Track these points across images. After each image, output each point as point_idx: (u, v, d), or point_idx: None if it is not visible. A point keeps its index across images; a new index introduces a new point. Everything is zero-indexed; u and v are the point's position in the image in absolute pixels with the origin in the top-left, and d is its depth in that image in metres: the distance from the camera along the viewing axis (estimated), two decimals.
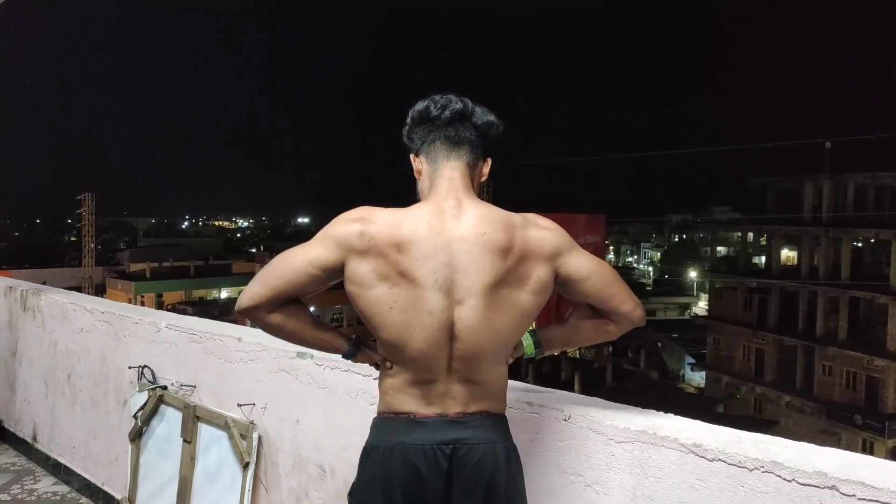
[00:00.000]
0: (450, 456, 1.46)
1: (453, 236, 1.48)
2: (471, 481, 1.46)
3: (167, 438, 3.00)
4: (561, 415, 1.78)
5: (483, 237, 1.48)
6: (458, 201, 1.52)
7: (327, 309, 41.78)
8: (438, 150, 1.58)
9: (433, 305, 1.45)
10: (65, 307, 3.88)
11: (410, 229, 1.47)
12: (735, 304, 33.89)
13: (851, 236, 29.98)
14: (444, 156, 1.58)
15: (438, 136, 1.58)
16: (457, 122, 1.58)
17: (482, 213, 1.51)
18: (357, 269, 1.48)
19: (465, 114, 1.58)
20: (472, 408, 1.51)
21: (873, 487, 1.32)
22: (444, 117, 1.57)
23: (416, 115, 1.62)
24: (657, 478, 1.61)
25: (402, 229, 1.47)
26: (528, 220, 1.56)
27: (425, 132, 1.61)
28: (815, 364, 29.49)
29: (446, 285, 1.46)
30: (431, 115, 1.59)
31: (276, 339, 1.70)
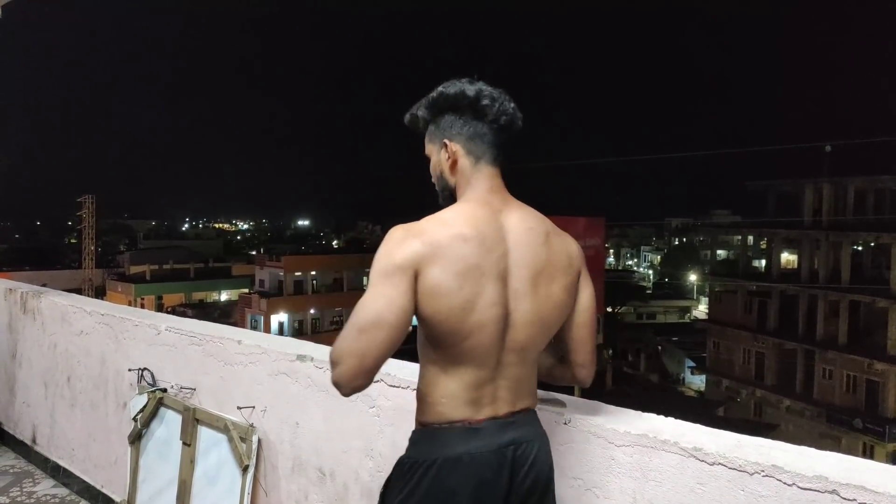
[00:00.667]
0: (510, 459, 1.46)
1: (506, 229, 1.50)
2: (529, 480, 1.48)
3: (167, 441, 3.00)
4: (561, 418, 1.78)
5: (532, 231, 1.51)
6: (504, 199, 1.54)
7: (327, 311, 41.80)
8: (485, 149, 1.54)
9: (497, 297, 1.45)
10: (65, 309, 3.88)
11: (469, 225, 1.46)
12: (735, 308, 33.88)
13: (851, 240, 29.98)
14: (492, 156, 1.55)
15: (487, 135, 1.54)
16: (507, 127, 1.56)
17: (526, 210, 1.56)
18: (429, 277, 1.40)
19: (514, 122, 1.56)
20: (517, 406, 1.51)
21: (874, 492, 1.32)
22: (502, 122, 1.54)
23: (458, 101, 1.53)
24: (657, 482, 1.61)
25: (459, 226, 1.45)
26: (557, 228, 1.59)
27: (467, 123, 1.54)
28: (815, 368, 29.47)
29: (504, 276, 1.47)
30: (483, 111, 1.53)
31: (276, 342, 1.70)
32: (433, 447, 1.47)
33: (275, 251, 52.49)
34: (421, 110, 1.60)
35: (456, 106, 1.54)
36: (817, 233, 30.45)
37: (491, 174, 1.54)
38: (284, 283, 40.77)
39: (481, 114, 1.53)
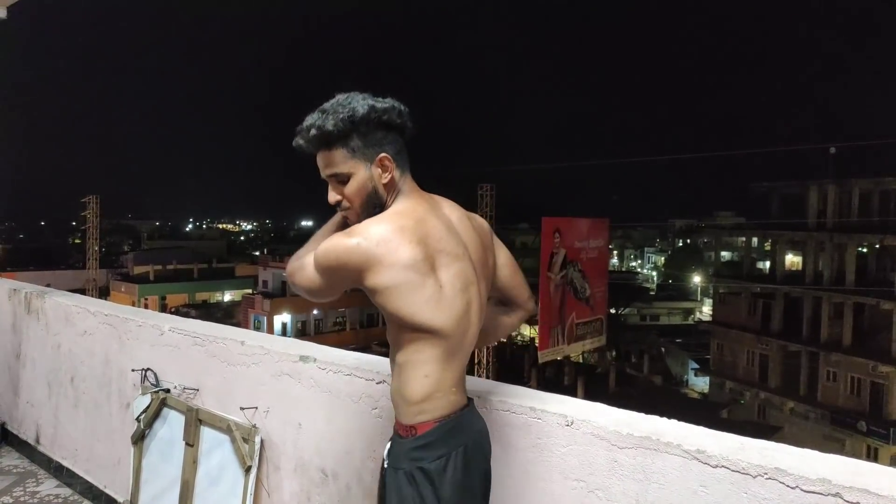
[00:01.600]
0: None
1: (449, 218, 1.59)
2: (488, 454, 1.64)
3: (169, 441, 3.00)
4: (564, 420, 1.78)
5: (464, 218, 1.64)
6: (429, 195, 1.62)
7: (330, 312, 41.81)
8: (406, 161, 1.59)
9: (474, 279, 1.56)
10: (68, 309, 3.89)
11: (425, 215, 1.53)
12: (739, 310, 33.80)
13: (856, 242, 29.88)
14: (407, 163, 1.59)
15: (404, 148, 1.58)
16: (410, 131, 1.60)
17: (448, 200, 1.66)
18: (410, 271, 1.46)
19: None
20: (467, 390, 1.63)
21: (877, 495, 1.31)
22: (408, 129, 1.58)
23: (389, 116, 1.52)
24: (660, 484, 1.60)
25: (419, 215, 1.52)
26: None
27: (395, 138, 1.56)
28: (819, 370, 29.38)
29: (471, 260, 1.57)
30: (404, 126, 1.56)
31: (279, 342, 1.72)
32: (459, 435, 1.52)
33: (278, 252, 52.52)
34: (341, 126, 1.48)
35: (386, 122, 1.53)
36: (821, 234, 30.35)
37: (412, 182, 1.60)
38: (287, 283, 40.80)
39: (402, 128, 1.56)
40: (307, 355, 2.51)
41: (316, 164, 1.57)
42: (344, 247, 1.45)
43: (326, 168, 1.54)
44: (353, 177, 1.53)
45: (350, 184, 1.53)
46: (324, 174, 1.56)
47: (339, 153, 1.51)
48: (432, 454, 1.47)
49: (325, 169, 1.55)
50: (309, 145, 1.53)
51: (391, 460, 1.53)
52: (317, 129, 1.50)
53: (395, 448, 1.53)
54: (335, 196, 1.56)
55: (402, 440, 1.52)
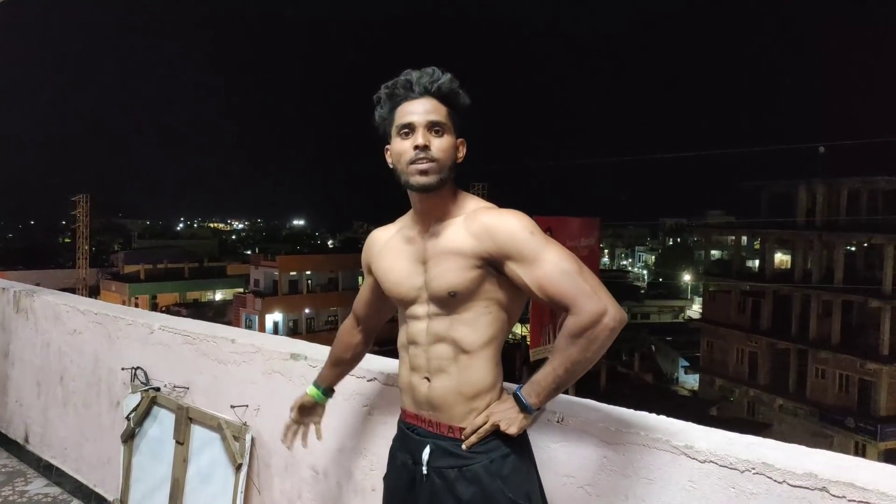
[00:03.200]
0: None
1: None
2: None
3: (160, 440, 2.99)
4: (554, 416, 1.79)
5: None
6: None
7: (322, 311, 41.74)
8: None
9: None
10: (58, 308, 3.86)
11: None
12: (729, 308, 33.95)
13: (845, 240, 30.06)
14: None
15: None
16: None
17: None
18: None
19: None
20: None
21: (863, 489, 1.33)
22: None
23: (466, 113, 1.62)
24: (649, 479, 1.62)
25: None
26: None
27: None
28: (808, 367, 29.55)
29: None
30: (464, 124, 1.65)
31: (270, 340, 1.72)
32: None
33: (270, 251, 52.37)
34: (459, 91, 1.57)
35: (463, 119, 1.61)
36: (811, 233, 30.53)
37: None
38: (279, 282, 40.67)
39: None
40: (298, 353, 2.50)
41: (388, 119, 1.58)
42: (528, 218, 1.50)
43: (431, 113, 1.53)
44: (447, 135, 1.54)
45: (444, 139, 1.53)
46: (423, 118, 1.52)
47: (444, 109, 1.55)
48: (526, 437, 1.62)
49: (427, 113, 1.52)
50: (433, 83, 1.53)
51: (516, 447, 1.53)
52: (448, 78, 1.54)
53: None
54: (427, 140, 1.52)
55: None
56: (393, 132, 1.56)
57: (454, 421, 1.53)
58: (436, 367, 1.55)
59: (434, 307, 1.56)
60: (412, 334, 1.60)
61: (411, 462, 1.58)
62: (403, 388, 1.64)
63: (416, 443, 1.58)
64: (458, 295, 1.51)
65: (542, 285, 1.45)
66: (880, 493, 1.31)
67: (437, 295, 1.54)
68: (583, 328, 1.39)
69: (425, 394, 1.57)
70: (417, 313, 1.59)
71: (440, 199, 1.57)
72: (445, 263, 1.53)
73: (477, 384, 1.53)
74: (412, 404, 1.61)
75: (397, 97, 1.55)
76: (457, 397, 1.53)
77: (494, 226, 1.49)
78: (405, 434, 1.64)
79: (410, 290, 1.60)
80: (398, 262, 1.64)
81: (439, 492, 1.51)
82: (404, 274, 1.62)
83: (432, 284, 1.55)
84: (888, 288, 27.15)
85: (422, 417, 1.59)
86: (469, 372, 1.52)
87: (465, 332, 1.52)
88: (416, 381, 1.59)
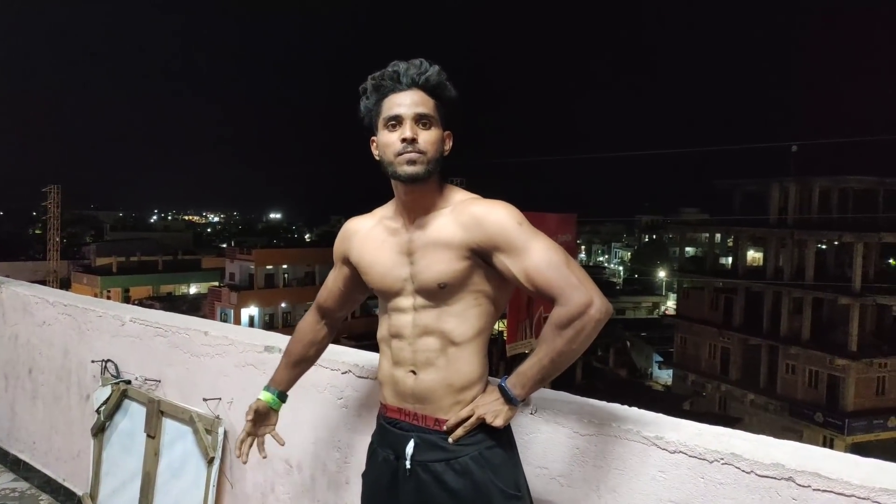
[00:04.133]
0: None
1: None
2: None
3: (130, 433, 2.95)
4: (527, 409, 1.80)
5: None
6: None
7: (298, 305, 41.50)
8: None
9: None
10: (27, 299, 3.79)
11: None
12: (702, 304, 34.40)
13: (815, 238, 30.62)
14: None
15: None
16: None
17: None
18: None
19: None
20: None
21: (827, 478, 1.36)
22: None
23: (456, 106, 1.62)
24: (620, 470, 1.63)
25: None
26: None
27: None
28: (778, 363, 30.08)
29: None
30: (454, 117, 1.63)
31: (244, 333, 1.70)
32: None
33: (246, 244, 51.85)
34: (447, 84, 1.56)
35: (454, 112, 1.61)
36: (783, 231, 31.03)
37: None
38: (255, 276, 40.33)
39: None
40: (272, 345, 2.49)
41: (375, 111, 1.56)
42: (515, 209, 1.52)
43: (418, 106, 1.51)
44: (434, 128, 1.53)
45: (431, 132, 1.52)
46: (410, 111, 1.51)
47: (431, 101, 1.53)
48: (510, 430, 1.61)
49: (415, 106, 1.51)
50: (421, 75, 1.52)
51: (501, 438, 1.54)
52: (435, 70, 1.53)
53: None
54: (414, 132, 1.50)
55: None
56: (379, 124, 1.54)
57: (440, 413, 1.52)
58: (423, 359, 1.54)
59: (421, 299, 1.55)
60: (396, 327, 1.58)
61: (393, 457, 1.56)
62: (385, 381, 1.62)
63: (399, 437, 1.56)
64: (447, 286, 1.51)
65: (530, 276, 1.46)
66: (844, 483, 1.34)
67: (425, 287, 1.53)
68: (570, 318, 1.40)
69: (411, 387, 1.55)
70: (402, 306, 1.57)
71: (426, 192, 1.56)
72: (434, 255, 1.52)
73: (466, 376, 1.52)
74: (395, 398, 1.59)
75: (384, 89, 1.54)
76: (445, 390, 1.52)
77: (483, 216, 1.49)
78: (386, 429, 1.61)
79: (396, 281, 1.58)
80: (382, 253, 1.61)
81: (426, 486, 1.50)
82: (389, 265, 1.59)
83: (420, 276, 1.53)
84: (857, 285, 27.72)
85: (405, 411, 1.57)
86: (458, 364, 1.52)
87: (453, 324, 1.52)
88: (400, 375, 1.57)
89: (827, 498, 1.35)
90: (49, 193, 44.65)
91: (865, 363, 27.19)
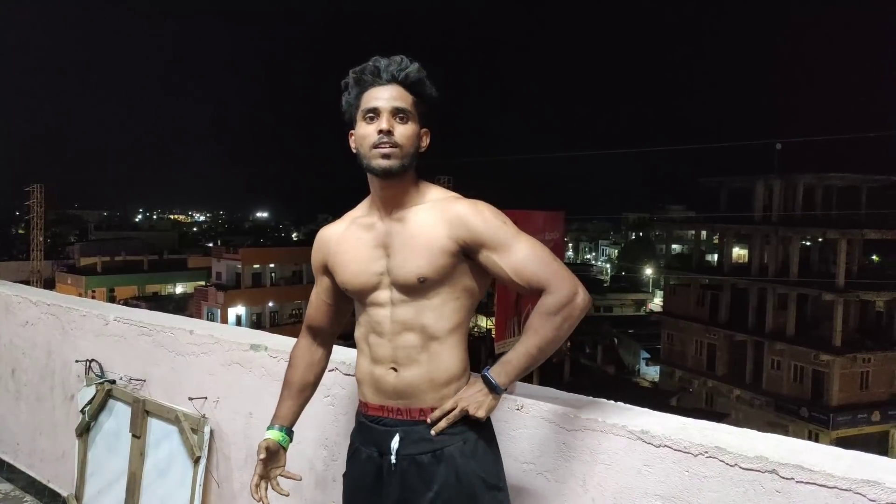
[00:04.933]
0: None
1: None
2: None
3: (116, 434, 2.93)
4: (514, 404, 1.80)
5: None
6: None
7: (286, 305, 41.34)
8: None
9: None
10: (9, 299, 3.75)
11: None
12: (688, 301, 34.63)
13: (800, 235, 30.91)
14: None
15: None
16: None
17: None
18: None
19: None
20: None
21: (810, 470, 1.37)
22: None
23: (435, 105, 1.63)
24: (606, 464, 1.64)
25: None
26: None
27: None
28: (764, 358, 30.34)
29: None
30: (434, 117, 1.64)
31: (230, 331, 1.68)
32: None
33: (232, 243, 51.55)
34: (426, 81, 1.58)
35: (433, 112, 1.62)
36: (767, 228, 31.28)
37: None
38: (242, 275, 40.10)
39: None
40: (258, 344, 2.48)
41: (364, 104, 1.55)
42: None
43: (396, 100, 1.53)
44: (411, 123, 1.55)
45: (408, 126, 1.54)
46: (388, 104, 1.52)
47: (410, 97, 1.55)
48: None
49: (393, 100, 1.53)
50: (401, 71, 1.54)
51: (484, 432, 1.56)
52: (415, 67, 1.55)
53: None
54: (390, 125, 1.52)
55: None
56: (358, 116, 1.55)
57: (425, 405, 1.53)
58: (403, 356, 1.53)
59: (398, 294, 1.54)
60: (373, 324, 1.57)
61: (377, 454, 1.56)
62: (364, 380, 1.61)
63: (382, 434, 1.55)
64: (426, 281, 1.51)
65: (519, 270, 1.51)
66: (826, 475, 1.35)
67: (403, 281, 1.53)
68: (560, 305, 1.46)
69: (392, 384, 1.54)
70: (379, 300, 1.56)
71: (402, 187, 1.56)
72: (414, 249, 1.52)
73: (448, 370, 1.53)
74: (375, 396, 1.58)
75: (364, 83, 1.55)
76: (428, 385, 1.52)
77: (470, 215, 1.52)
78: (367, 427, 1.60)
79: (371, 276, 1.57)
80: (358, 251, 1.61)
81: (411, 479, 1.50)
82: (364, 261, 1.58)
83: (399, 271, 1.53)
84: (841, 281, 28.02)
85: (388, 408, 1.56)
86: (440, 359, 1.52)
87: (433, 319, 1.52)
88: (380, 372, 1.56)
89: (809, 490, 1.37)
90: (32, 192, 44.16)
91: (849, 358, 27.48)
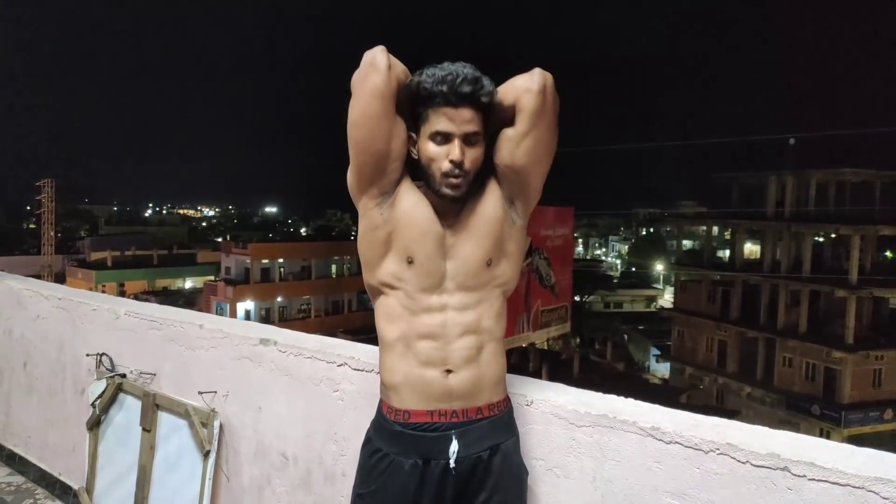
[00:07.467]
0: None
1: None
2: None
3: (126, 427, 2.95)
4: (523, 399, 1.79)
5: None
6: None
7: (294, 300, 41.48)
8: None
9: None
10: (20, 293, 3.78)
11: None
12: (699, 297, 34.52)
13: (812, 231, 30.70)
14: None
15: None
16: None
17: None
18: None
19: None
20: None
21: (822, 468, 1.36)
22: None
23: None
24: (616, 461, 1.63)
25: None
26: None
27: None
28: (775, 356, 30.20)
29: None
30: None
31: (239, 326, 1.68)
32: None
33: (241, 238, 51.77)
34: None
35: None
36: (780, 224, 31.11)
37: None
38: (251, 270, 40.25)
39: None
40: (268, 338, 2.48)
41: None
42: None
43: (469, 123, 1.44)
44: (479, 145, 1.48)
45: (476, 150, 1.47)
46: (461, 129, 1.44)
47: (480, 117, 1.47)
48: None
49: (465, 124, 1.44)
50: (477, 93, 1.43)
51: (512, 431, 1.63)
52: (491, 88, 1.46)
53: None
54: (462, 154, 1.44)
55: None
56: (424, 130, 1.47)
57: (482, 403, 1.54)
58: (462, 357, 1.49)
59: (459, 296, 1.51)
60: (426, 326, 1.50)
61: (422, 463, 1.49)
62: (403, 385, 1.52)
63: (432, 440, 1.49)
64: (492, 262, 1.54)
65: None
66: (839, 472, 1.34)
67: (469, 270, 1.52)
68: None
69: (447, 386, 1.50)
70: (431, 304, 1.51)
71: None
72: (476, 235, 1.53)
73: (498, 372, 1.58)
74: (422, 402, 1.51)
75: (434, 98, 1.44)
76: (484, 384, 1.54)
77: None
78: (409, 437, 1.51)
79: (434, 270, 1.51)
80: (423, 224, 1.52)
81: (469, 478, 1.50)
82: (428, 249, 1.51)
83: (464, 262, 1.53)
84: (854, 278, 27.82)
85: (440, 412, 1.50)
86: (498, 359, 1.57)
87: (492, 321, 1.55)
88: (431, 376, 1.50)
89: (822, 487, 1.35)
90: (43, 188, 44.54)
91: (862, 356, 27.32)
